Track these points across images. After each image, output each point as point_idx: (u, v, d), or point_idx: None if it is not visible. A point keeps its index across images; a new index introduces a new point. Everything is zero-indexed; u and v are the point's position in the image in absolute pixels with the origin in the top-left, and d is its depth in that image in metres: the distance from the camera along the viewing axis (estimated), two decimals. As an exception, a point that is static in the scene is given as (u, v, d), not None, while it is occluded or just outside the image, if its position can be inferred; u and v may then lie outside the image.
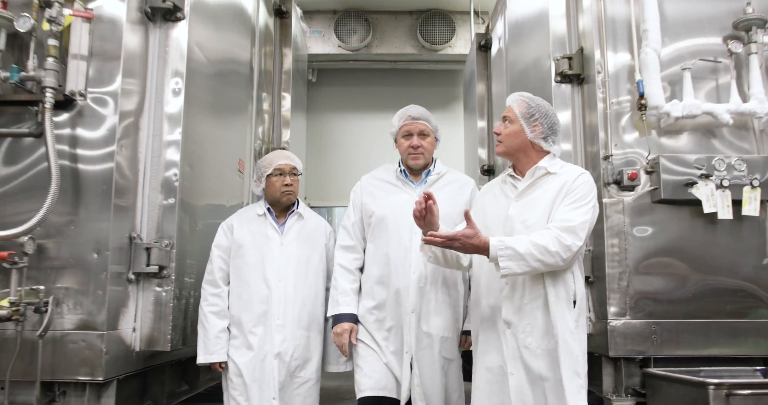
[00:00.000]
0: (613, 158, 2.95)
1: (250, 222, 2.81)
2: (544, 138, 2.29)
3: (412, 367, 2.48)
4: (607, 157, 2.96)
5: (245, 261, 2.72)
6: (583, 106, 3.25)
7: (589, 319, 2.96)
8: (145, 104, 2.73)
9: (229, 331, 2.70)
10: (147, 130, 2.71)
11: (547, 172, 2.27)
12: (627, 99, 3.03)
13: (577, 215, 2.14)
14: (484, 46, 5.29)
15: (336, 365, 2.77)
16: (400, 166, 2.70)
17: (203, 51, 3.07)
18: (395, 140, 2.75)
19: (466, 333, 2.59)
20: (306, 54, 5.96)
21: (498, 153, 2.39)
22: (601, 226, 2.91)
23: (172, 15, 2.77)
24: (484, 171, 4.97)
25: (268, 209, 2.81)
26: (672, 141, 3.00)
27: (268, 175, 2.80)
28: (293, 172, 2.81)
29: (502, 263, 2.07)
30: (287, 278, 2.70)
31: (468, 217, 2.11)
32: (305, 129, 6.11)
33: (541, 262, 2.07)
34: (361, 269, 2.68)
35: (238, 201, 3.68)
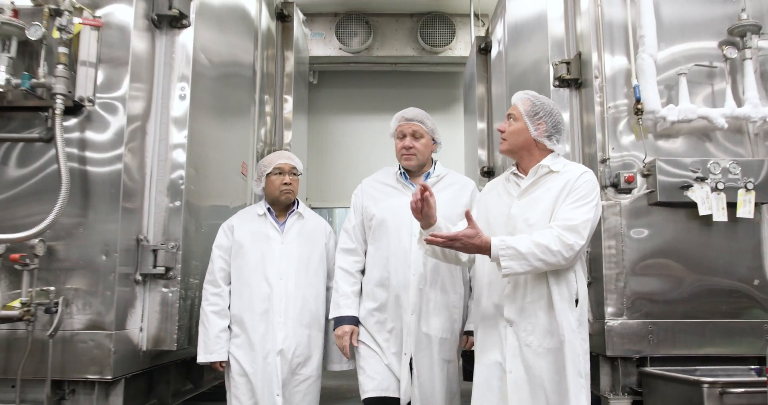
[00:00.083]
0: (611, 161, 3.00)
1: (251, 222, 2.82)
2: (548, 136, 2.27)
3: (411, 367, 2.49)
4: (604, 160, 3.01)
5: (246, 260, 2.73)
6: (581, 109, 3.30)
7: (588, 319, 3.00)
8: (152, 109, 2.78)
9: (231, 329, 2.72)
10: (153, 134, 2.76)
11: (549, 171, 2.25)
12: (624, 103, 3.08)
13: (579, 214, 2.12)
14: (484, 49, 5.31)
15: (339, 364, 2.79)
16: (400, 168, 2.70)
17: (208, 56, 3.12)
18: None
19: (468, 333, 2.60)
20: (307, 56, 5.98)
21: (501, 151, 2.37)
22: (599, 228, 2.95)
23: (178, 22, 2.82)
24: (484, 173, 4.99)
25: (269, 209, 2.83)
26: (668, 144, 3.04)
27: (268, 174, 2.82)
28: (293, 171, 2.83)
29: (504, 263, 2.06)
30: (288, 276, 2.71)
31: (469, 217, 2.10)
32: (306, 131, 6.13)
33: (543, 261, 2.06)
34: (363, 272, 2.69)
35: (242, 202, 3.72)
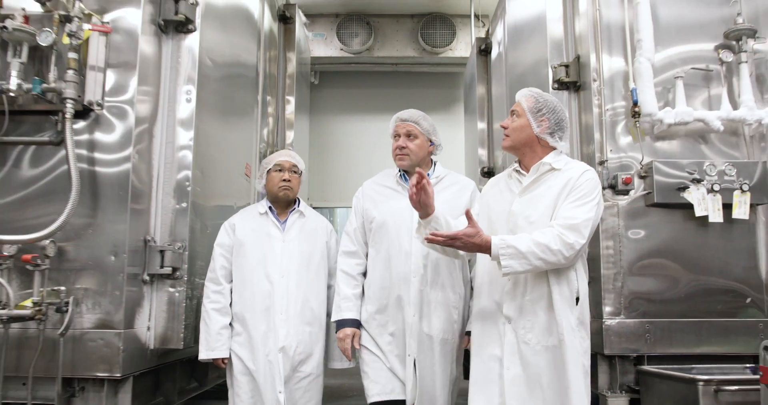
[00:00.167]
0: (608, 163, 3.05)
1: (252, 220, 2.83)
2: (550, 133, 2.26)
3: (415, 368, 2.49)
4: (602, 162, 3.06)
5: (247, 258, 2.75)
6: (580, 112, 3.35)
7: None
8: (159, 112, 2.83)
9: (232, 327, 2.74)
10: (160, 136, 2.81)
11: (551, 168, 2.24)
12: (622, 105, 3.13)
13: (580, 213, 2.12)
14: (484, 50, 5.35)
15: (340, 362, 2.81)
16: (399, 170, 2.70)
17: (213, 59, 3.16)
18: None
19: (469, 334, 2.58)
20: (309, 57, 6.01)
21: (504, 147, 2.36)
22: (597, 228, 2.99)
23: (184, 27, 2.87)
24: (484, 173, 5.02)
25: (270, 208, 2.85)
26: (665, 146, 3.09)
27: (269, 170, 2.85)
28: (293, 169, 2.85)
29: (504, 261, 2.05)
30: (289, 274, 2.72)
31: (469, 216, 2.09)
32: (308, 131, 6.17)
33: (543, 260, 2.06)
34: (365, 274, 2.69)
35: (245, 203, 3.75)
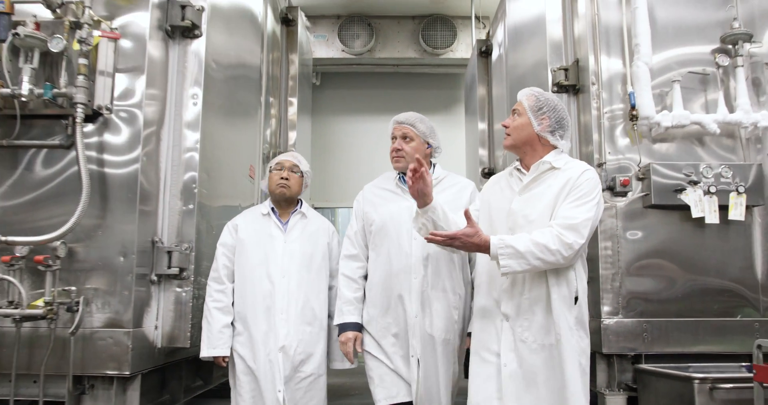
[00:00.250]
0: (607, 165, 3.10)
1: (255, 221, 2.85)
2: (551, 131, 2.26)
3: (419, 369, 2.50)
4: (600, 164, 3.11)
5: (249, 259, 2.77)
6: (579, 114, 3.40)
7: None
8: (166, 115, 2.88)
9: (234, 327, 2.76)
10: (167, 139, 2.87)
11: (551, 167, 2.24)
12: (620, 107, 3.18)
13: (580, 212, 2.12)
14: (485, 52, 5.40)
15: (341, 362, 2.82)
16: (398, 173, 2.70)
17: (219, 63, 3.22)
18: None
19: (470, 335, 2.60)
20: (311, 58, 6.06)
21: (505, 146, 2.36)
22: (595, 229, 3.05)
23: (190, 32, 2.92)
24: (484, 174, 5.06)
25: (272, 209, 2.88)
26: (663, 148, 3.14)
27: (271, 169, 2.89)
28: (292, 168, 2.87)
29: (503, 261, 2.06)
30: (290, 274, 2.74)
31: (468, 216, 2.10)
32: (310, 131, 6.21)
33: (542, 260, 2.06)
34: (366, 277, 2.69)
35: (249, 204, 3.81)
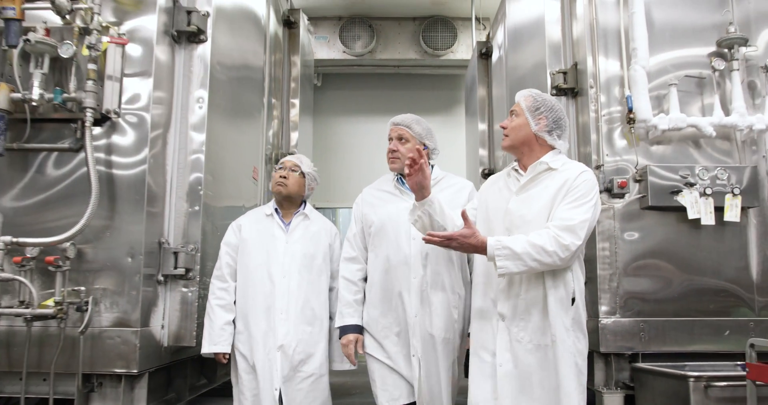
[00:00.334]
0: (605, 167, 3.15)
1: (258, 221, 2.89)
2: (548, 131, 2.27)
3: (420, 368, 2.52)
4: (598, 166, 3.16)
5: (251, 258, 2.80)
6: (577, 116, 3.45)
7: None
8: (172, 119, 2.94)
9: (236, 325, 2.79)
10: (174, 142, 2.92)
11: (548, 168, 2.25)
12: (618, 109, 3.23)
13: (577, 214, 2.13)
14: (485, 53, 5.44)
15: (340, 363, 2.84)
16: (396, 175, 2.72)
17: (224, 67, 3.27)
18: None
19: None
20: (312, 59, 6.10)
21: (503, 147, 2.37)
22: (593, 230, 3.08)
23: (196, 37, 2.98)
24: (484, 174, 5.08)
25: (276, 210, 2.93)
26: (659, 151, 3.19)
27: (275, 170, 2.95)
28: (293, 168, 2.89)
29: (499, 262, 2.07)
30: (291, 275, 2.76)
31: (465, 217, 2.11)
32: (311, 132, 6.26)
33: (539, 261, 2.07)
34: (366, 279, 2.71)
35: (253, 205, 3.86)
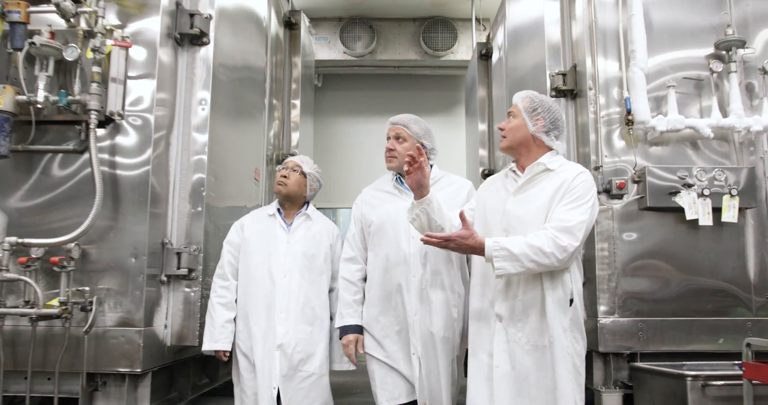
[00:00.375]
0: (603, 168, 3.18)
1: (261, 221, 2.91)
2: (546, 132, 2.28)
3: (420, 366, 2.53)
4: (597, 167, 3.19)
5: (253, 257, 2.81)
6: (576, 117, 3.49)
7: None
8: (175, 121, 2.96)
9: (237, 324, 2.80)
10: (176, 144, 2.95)
11: (545, 169, 2.25)
12: (616, 111, 3.26)
13: (574, 215, 2.12)
14: (485, 54, 5.46)
15: (340, 364, 2.84)
16: (395, 175, 2.73)
17: (226, 69, 3.30)
18: None
19: None
20: (313, 60, 6.11)
21: (501, 148, 2.38)
22: (592, 231, 3.12)
23: (198, 40, 3.01)
24: (485, 174, 5.09)
25: (278, 210, 2.95)
26: (658, 152, 3.23)
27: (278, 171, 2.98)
28: (294, 168, 2.89)
29: (497, 263, 2.07)
30: (292, 274, 2.77)
31: (463, 218, 2.11)
32: (312, 133, 6.29)
33: (536, 262, 2.07)
34: (365, 279, 2.72)
35: (255, 204, 3.89)
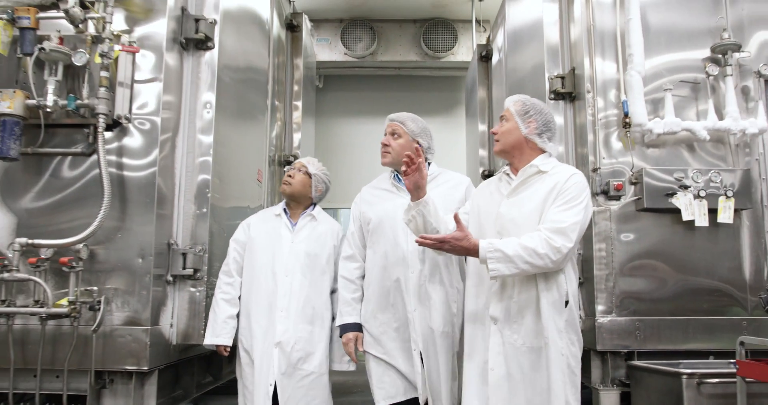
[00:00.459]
0: (601, 170, 3.24)
1: (267, 221, 2.97)
2: (538, 134, 2.28)
3: (422, 362, 2.55)
4: (595, 169, 3.25)
5: (257, 256, 2.86)
6: (575, 120, 3.54)
7: (580, 316, 3.23)
8: (181, 124, 3.01)
9: (240, 320, 2.85)
10: (182, 146, 3.00)
11: (538, 171, 2.26)
12: (614, 113, 3.32)
13: (568, 216, 2.13)
14: (485, 56, 5.52)
15: (339, 364, 2.86)
16: (393, 172, 2.76)
17: (230, 70, 3.34)
18: None
19: None
20: (314, 61, 6.16)
21: (495, 152, 2.40)
22: (590, 232, 3.19)
23: (203, 44, 3.06)
24: (485, 175, 5.16)
25: (284, 210, 3.00)
26: (655, 154, 3.28)
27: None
28: (300, 168, 2.95)
29: (491, 265, 2.08)
30: (294, 274, 2.81)
31: (457, 220, 2.13)
32: (313, 134, 6.32)
33: (530, 264, 2.08)
34: (364, 277, 2.75)
35: (257, 205, 3.94)
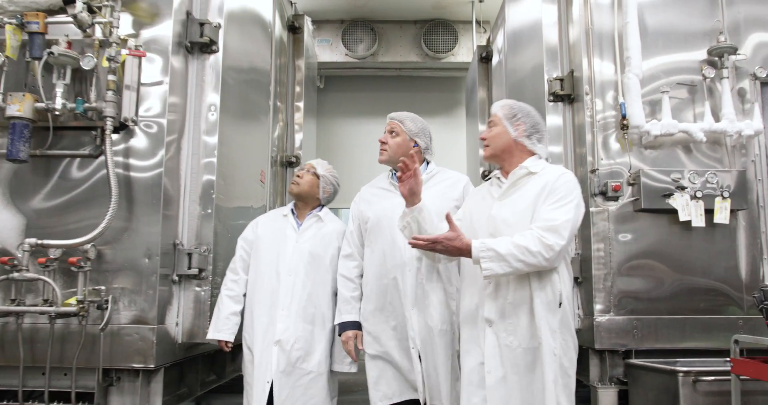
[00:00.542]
0: (600, 171, 3.29)
1: (275, 221, 3.01)
2: (527, 136, 2.30)
3: (421, 360, 2.55)
4: (593, 170, 3.30)
5: (263, 255, 2.89)
6: (574, 121, 3.60)
7: (578, 315, 3.29)
8: (186, 126, 3.07)
9: (244, 318, 2.88)
10: (187, 148, 3.05)
11: (528, 172, 2.27)
12: (612, 114, 3.37)
13: (559, 214, 2.12)
14: (485, 57, 5.57)
15: (340, 365, 2.85)
16: (391, 171, 2.78)
17: (234, 72, 3.39)
18: None
19: None
20: (315, 62, 6.21)
21: (485, 157, 2.41)
22: (588, 232, 3.24)
23: (208, 48, 3.12)
24: (485, 175, 5.20)
25: (292, 210, 3.00)
26: (652, 155, 3.33)
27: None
28: (309, 169, 2.99)
29: (484, 264, 2.07)
30: (297, 273, 2.82)
31: (449, 220, 2.13)
32: (315, 134, 6.35)
33: (523, 262, 2.06)
34: (363, 275, 2.76)
35: (260, 205, 3.99)
